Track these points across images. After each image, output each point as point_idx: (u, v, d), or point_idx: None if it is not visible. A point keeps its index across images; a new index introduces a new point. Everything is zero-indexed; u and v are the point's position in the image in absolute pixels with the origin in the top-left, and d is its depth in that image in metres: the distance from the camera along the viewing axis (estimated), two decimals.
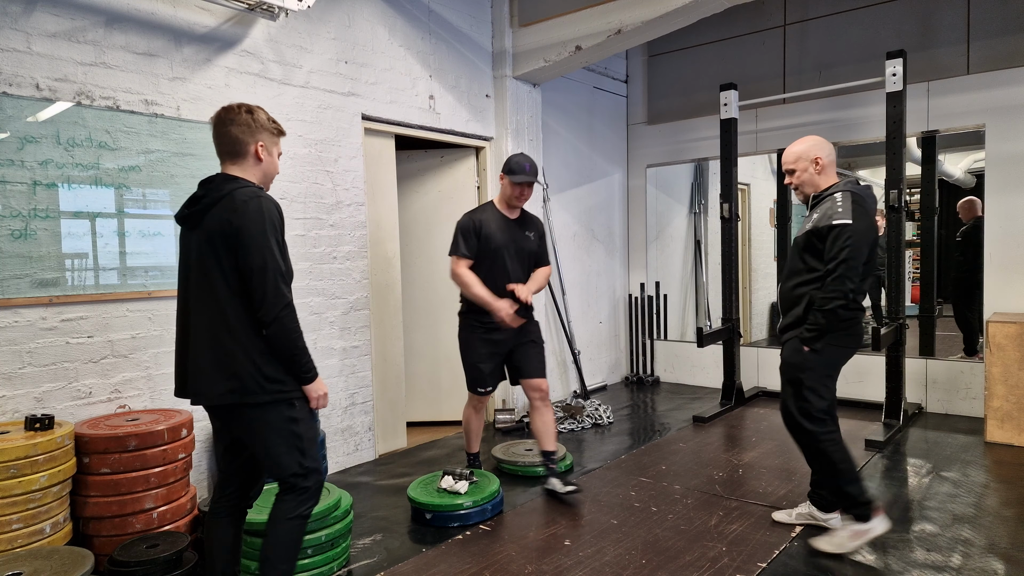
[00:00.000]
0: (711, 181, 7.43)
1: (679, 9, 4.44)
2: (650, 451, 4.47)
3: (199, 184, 2.23)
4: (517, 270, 3.58)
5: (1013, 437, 4.36)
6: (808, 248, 2.91)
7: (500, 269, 3.54)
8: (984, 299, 5.02)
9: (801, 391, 2.91)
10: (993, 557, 2.85)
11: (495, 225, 3.58)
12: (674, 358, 6.66)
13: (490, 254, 3.54)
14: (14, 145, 2.87)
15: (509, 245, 3.57)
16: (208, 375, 2.13)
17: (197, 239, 2.16)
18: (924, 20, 5.24)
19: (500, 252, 3.55)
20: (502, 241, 3.56)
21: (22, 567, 2.32)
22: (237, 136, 2.21)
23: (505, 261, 3.56)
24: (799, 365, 2.91)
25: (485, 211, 3.64)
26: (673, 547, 3.03)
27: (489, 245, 3.53)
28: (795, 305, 2.95)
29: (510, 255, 3.57)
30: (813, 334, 2.82)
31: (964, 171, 7.72)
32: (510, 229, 3.61)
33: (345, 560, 2.94)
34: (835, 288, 2.76)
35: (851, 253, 2.74)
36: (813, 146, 2.99)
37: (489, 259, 3.54)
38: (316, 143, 4.04)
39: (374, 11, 4.38)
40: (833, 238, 2.78)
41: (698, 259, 7.52)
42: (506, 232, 3.58)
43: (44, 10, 2.97)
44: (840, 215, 2.79)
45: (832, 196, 2.89)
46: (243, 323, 2.11)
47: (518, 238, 3.62)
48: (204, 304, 2.14)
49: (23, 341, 2.92)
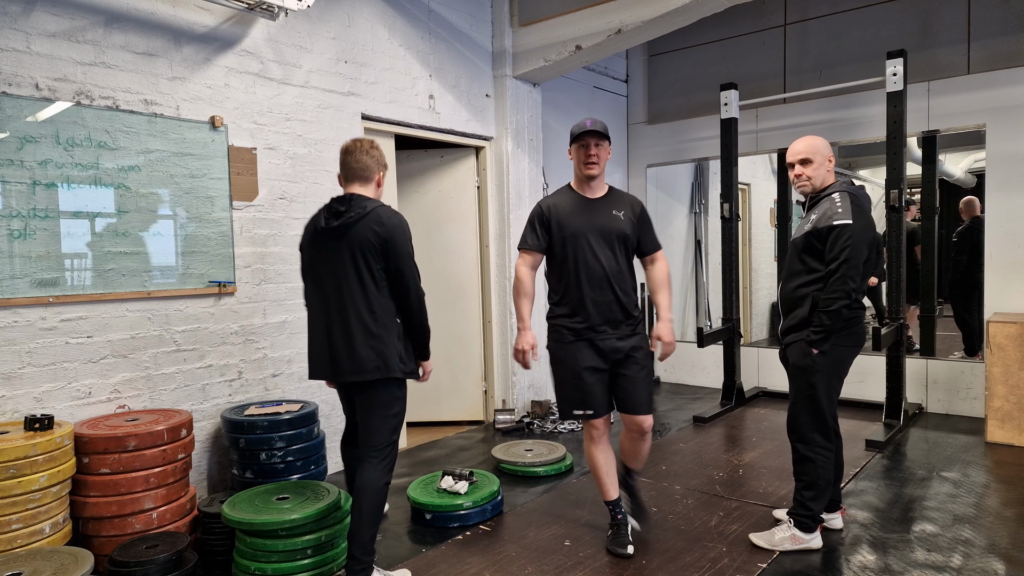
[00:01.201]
0: (711, 181, 7.43)
1: (679, 9, 4.44)
2: (650, 451, 4.45)
3: (336, 201, 2.63)
4: (610, 258, 2.90)
5: (1014, 437, 4.36)
6: (807, 249, 2.90)
7: (583, 259, 2.89)
8: (984, 299, 5.02)
9: (814, 394, 2.88)
10: (994, 557, 2.84)
11: (569, 208, 2.96)
12: (674, 358, 6.65)
13: (567, 243, 2.92)
14: (13, 145, 2.87)
15: (590, 229, 2.90)
16: (358, 356, 2.56)
17: (342, 247, 2.58)
18: (924, 20, 5.23)
19: (579, 239, 2.90)
20: (580, 225, 2.90)
21: (22, 567, 2.32)
22: (369, 164, 2.67)
23: (587, 249, 2.89)
24: (809, 368, 2.88)
25: (559, 195, 3.04)
26: (673, 547, 3.03)
27: (563, 232, 2.92)
28: (797, 306, 2.94)
29: (594, 241, 2.89)
30: (820, 336, 2.81)
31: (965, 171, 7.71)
32: (590, 210, 2.94)
33: (345, 560, 2.93)
34: (838, 288, 2.76)
35: (852, 253, 2.75)
36: (824, 144, 2.99)
37: (567, 249, 2.92)
38: (316, 143, 4.03)
39: (374, 11, 4.38)
40: (834, 238, 2.78)
41: (698, 259, 7.52)
42: (584, 214, 2.93)
43: (44, 10, 2.97)
44: (840, 215, 2.79)
45: (830, 196, 2.89)
46: (387, 313, 2.60)
47: (602, 219, 2.92)
48: (353, 299, 2.57)
49: (22, 341, 2.92)
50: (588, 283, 2.88)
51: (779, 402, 5.63)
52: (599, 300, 2.89)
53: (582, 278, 2.89)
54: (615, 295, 2.90)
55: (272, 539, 2.69)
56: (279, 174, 3.85)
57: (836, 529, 3.12)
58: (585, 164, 2.89)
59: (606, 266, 2.89)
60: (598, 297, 2.89)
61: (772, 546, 2.96)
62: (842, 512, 3.16)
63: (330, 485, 3.00)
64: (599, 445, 3.01)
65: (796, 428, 2.96)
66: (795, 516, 2.97)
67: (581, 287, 2.89)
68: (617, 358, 2.91)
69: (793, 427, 2.97)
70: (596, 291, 2.88)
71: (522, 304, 2.95)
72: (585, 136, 2.87)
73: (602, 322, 2.89)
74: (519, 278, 2.96)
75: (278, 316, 3.85)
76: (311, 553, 2.73)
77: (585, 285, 2.88)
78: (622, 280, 2.94)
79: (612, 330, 2.90)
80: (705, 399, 5.88)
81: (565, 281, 2.93)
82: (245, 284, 3.69)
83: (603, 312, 2.89)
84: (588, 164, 2.89)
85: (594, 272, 2.89)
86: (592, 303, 2.89)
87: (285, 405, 3.51)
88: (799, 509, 2.96)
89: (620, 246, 2.93)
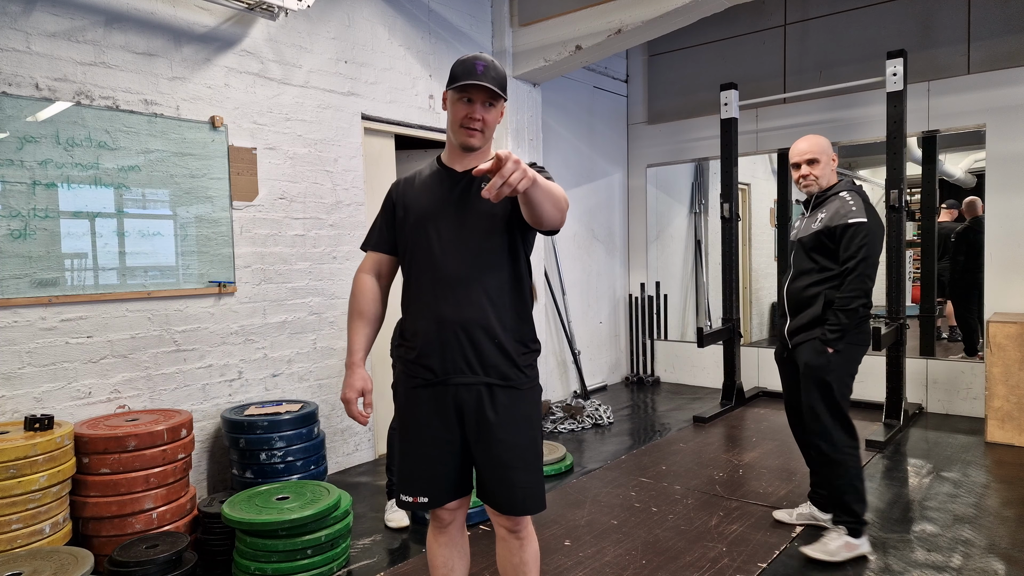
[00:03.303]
0: (711, 181, 7.43)
1: (679, 9, 4.44)
2: (650, 451, 4.46)
3: None
4: (476, 252, 1.86)
5: (1014, 437, 4.35)
6: (818, 248, 2.89)
7: (429, 256, 1.88)
8: (984, 299, 5.02)
9: (831, 394, 2.84)
10: (994, 557, 2.84)
11: (422, 185, 1.96)
12: (674, 358, 6.66)
13: (408, 234, 1.94)
14: (13, 145, 2.87)
15: (443, 211, 1.89)
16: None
17: None
18: (924, 20, 5.23)
19: (425, 226, 1.90)
20: (427, 207, 1.91)
21: (22, 567, 2.32)
22: None
23: (435, 240, 1.87)
24: (824, 367, 2.83)
25: (420, 170, 2.03)
26: (673, 547, 3.03)
27: (408, 219, 1.93)
28: (807, 305, 2.91)
29: (445, 228, 1.87)
30: (837, 335, 2.79)
31: (965, 171, 7.71)
32: (450, 184, 1.91)
33: (345, 560, 2.93)
34: (856, 287, 2.76)
35: (869, 251, 2.76)
36: (828, 143, 2.98)
37: (407, 243, 1.94)
38: (316, 143, 4.03)
39: (374, 11, 4.38)
40: (850, 237, 2.78)
41: (698, 259, 7.52)
42: (438, 191, 1.92)
43: (43, 10, 2.97)
44: (854, 213, 2.79)
45: (839, 196, 2.89)
46: None
47: (467, 196, 1.88)
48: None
49: (22, 341, 2.92)
50: (434, 293, 1.86)
51: (779, 402, 5.63)
52: (451, 321, 1.84)
53: (424, 285, 1.89)
54: (483, 313, 1.84)
55: (272, 539, 2.68)
56: (279, 174, 3.85)
57: None
58: (465, 128, 1.85)
59: (468, 264, 1.85)
60: (451, 315, 1.84)
61: (830, 557, 2.82)
62: None
63: (330, 485, 3.00)
64: (443, 537, 2.04)
65: (819, 430, 2.87)
66: (843, 523, 2.86)
67: (423, 300, 1.89)
68: (480, 422, 1.86)
69: (815, 429, 2.89)
70: (448, 306, 1.84)
71: (352, 327, 1.98)
72: (471, 89, 1.82)
73: (457, 361, 1.85)
74: (352, 289, 2.03)
75: (278, 316, 3.85)
76: (311, 553, 2.73)
77: (429, 296, 1.87)
78: (498, 290, 1.87)
79: (473, 374, 1.85)
80: (705, 399, 5.88)
81: (408, 293, 1.96)
82: (245, 284, 3.69)
83: (456, 344, 1.85)
84: (469, 129, 1.85)
85: (444, 275, 1.85)
86: (438, 327, 1.85)
87: (285, 405, 3.51)
88: (844, 516, 2.86)
89: (499, 234, 1.86)
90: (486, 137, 1.90)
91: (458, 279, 1.86)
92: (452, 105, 1.88)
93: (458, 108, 1.86)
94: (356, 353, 1.97)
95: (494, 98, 1.86)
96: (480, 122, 1.86)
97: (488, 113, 1.87)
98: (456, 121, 1.88)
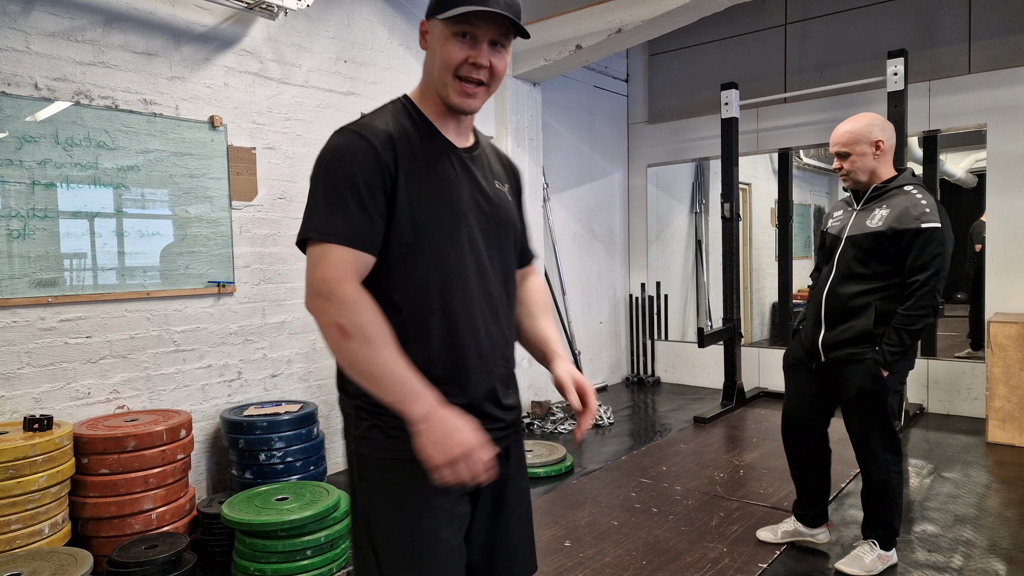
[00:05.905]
0: (712, 181, 7.43)
1: (680, 8, 4.43)
2: (651, 452, 4.46)
3: None
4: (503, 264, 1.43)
5: (1014, 437, 4.35)
6: (875, 251, 2.51)
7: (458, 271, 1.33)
8: (985, 299, 5.01)
9: (887, 419, 2.57)
10: (995, 558, 2.84)
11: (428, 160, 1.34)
12: (675, 358, 6.65)
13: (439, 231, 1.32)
14: (12, 145, 2.86)
15: (469, 204, 1.37)
16: None
17: None
18: (925, 19, 5.22)
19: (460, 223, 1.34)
20: (458, 195, 1.35)
21: (21, 568, 2.31)
22: None
23: (478, 247, 1.37)
24: (881, 392, 2.53)
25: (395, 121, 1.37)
26: (674, 548, 3.03)
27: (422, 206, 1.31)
28: (853, 316, 2.56)
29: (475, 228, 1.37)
30: (898, 355, 2.46)
31: (965, 171, 7.71)
32: (467, 170, 1.39)
33: (345, 561, 2.93)
34: (926, 303, 2.41)
35: (943, 263, 2.41)
36: (872, 125, 2.55)
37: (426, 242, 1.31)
38: (315, 143, 4.03)
39: (373, 10, 4.37)
40: (922, 244, 2.41)
41: (699, 259, 7.52)
42: (454, 173, 1.36)
43: (43, 9, 2.96)
44: (928, 217, 2.42)
45: (907, 192, 2.51)
46: None
47: (490, 190, 1.42)
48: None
49: (21, 341, 2.91)
50: (471, 318, 1.34)
51: (780, 403, 5.62)
52: (496, 359, 1.39)
53: (454, 306, 1.32)
54: (512, 341, 1.47)
55: (272, 539, 2.68)
56: (278, 174, 3.84)
57: (822, 543, 2.97)
58: (462, 80, 1.31)
59: (504, 277, 1.43)
60: (493, 350, 1.38)
61: (867, 572, 2.68)
62: (828, 526, 3.00)
63: (330, 485, 3.00)
64: None
65: (868, 456, 2.65)
66: (879, 538, 2.73)
67: (452, 326, 1.32)
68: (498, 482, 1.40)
69: (865, 456, 2.66)
70: (489, 338, 1.37)
71: (392, 357, 1.22)
72: (476, 19, 1.26)
73: (489, 410, 1.38)
74: (353, 307, 1.22)
75: (277, 316, 3.84)
76: (311, 553, 2.73)
77: (463, 322, 1.33)
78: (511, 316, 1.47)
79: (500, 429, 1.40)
80: (705, 399, 5.88)
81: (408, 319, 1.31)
82: (244, 284, 3.69)
83: (494, 387, 1.39)
84: (467, 83, 1.31)
85: (490, 292, 1.38)
86: (481, 368, 1.35)
87: (284, 405, 3.50)
88: (882, 531, 2.72)
89: (514, 234, 1.47)
90: (490, 93, 1.35)
91: (500, 296, 1.39)
92: (442, 45, 1.29)
93: (451, 49, 1.28)
94: (417, 387, 1.22)
95: (506, 35, 1.30)
96: (487, 71, 1.30)
97: (498, 58, 1.31)
98: (447, 67, 1.29)
